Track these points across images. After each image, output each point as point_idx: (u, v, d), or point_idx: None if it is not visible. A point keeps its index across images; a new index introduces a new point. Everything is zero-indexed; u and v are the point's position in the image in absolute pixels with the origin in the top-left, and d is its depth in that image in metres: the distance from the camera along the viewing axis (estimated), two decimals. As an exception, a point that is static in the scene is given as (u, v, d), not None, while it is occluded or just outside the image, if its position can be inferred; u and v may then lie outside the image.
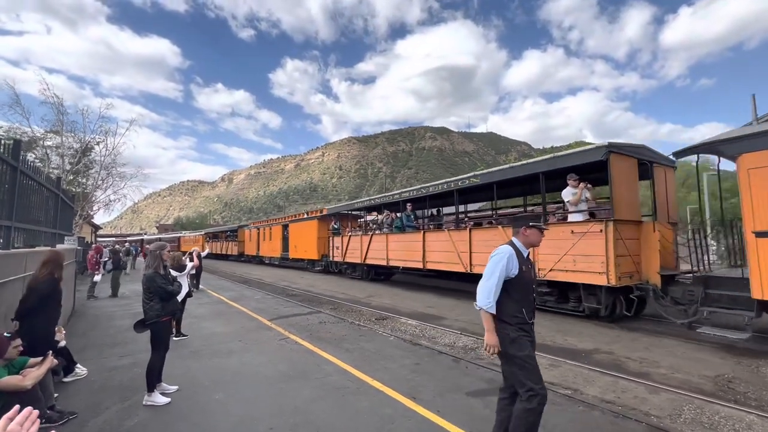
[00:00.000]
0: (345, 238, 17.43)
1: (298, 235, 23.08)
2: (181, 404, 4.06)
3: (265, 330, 7.48)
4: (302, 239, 22.55)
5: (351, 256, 16.93)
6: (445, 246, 11.58)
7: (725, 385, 4.46)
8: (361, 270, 16.78)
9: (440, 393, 4.26)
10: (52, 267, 3.88)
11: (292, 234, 24.07)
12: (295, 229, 23.71)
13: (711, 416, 3.64)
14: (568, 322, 7.83)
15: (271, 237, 27.79)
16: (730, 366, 5.06)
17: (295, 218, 24.45)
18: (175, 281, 4.36)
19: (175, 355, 5.76)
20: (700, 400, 3.98)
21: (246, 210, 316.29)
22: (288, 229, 24.88)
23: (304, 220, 22.75)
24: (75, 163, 20.83)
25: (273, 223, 28.42)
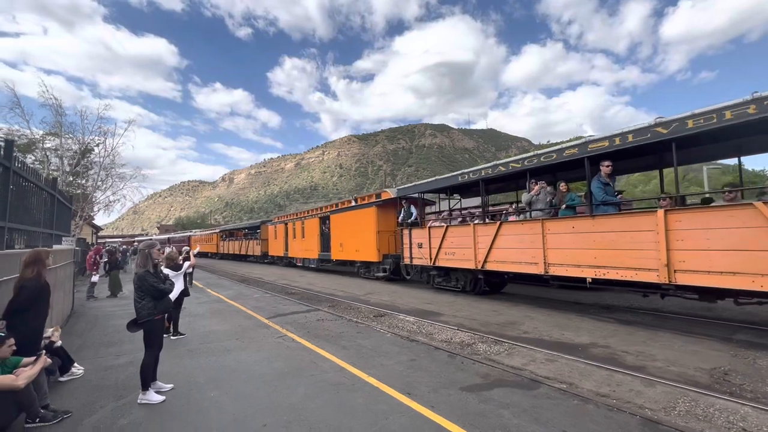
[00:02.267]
0: (437, 229, 11.40)
1: (345, 230, 17.34)
2: (175, 402, 4.07)
3: (262, 328, 7.48)
4: (352, 235, 16.73)
5: (449, 258, 10.94)
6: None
7: (721, 377, 4.44)
8: (465, 278, 10.96)
9: (435, 388, 4.26)
10: (35, 266, 3.88)
11: (335, 228, 18.26)
12: (340, 222, 17.85)
13: (705, 408, 3.62)
14: (566, 317, 7.82)
15: (304, 233, 21.91)
16: (726, 359, 5.04)
17: (338, 207, 18.43)
18: (167, 280, 4.36)
19: (172, 353, 5.78)
20: (695, 393, 3.96)
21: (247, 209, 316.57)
22: (329, 222, 19.16)
23: (354, 208, 16.86)
24: (74, 164, 20.86)
25: (306, 216, 22.00)
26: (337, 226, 18.08)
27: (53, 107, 19.67)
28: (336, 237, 18.13)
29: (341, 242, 17.56)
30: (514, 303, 9.51)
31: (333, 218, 18.63)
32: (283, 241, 25.13)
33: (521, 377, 4.55)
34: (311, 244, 21.04)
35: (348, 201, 17.83)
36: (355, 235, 16.48)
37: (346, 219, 17.36)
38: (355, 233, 16.40)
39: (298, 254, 22.93)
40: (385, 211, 15.18)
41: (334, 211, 18.71)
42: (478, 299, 10.27)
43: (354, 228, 16.55)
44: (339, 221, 18.00)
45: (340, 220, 17.89)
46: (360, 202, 16.70)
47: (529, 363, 5.13)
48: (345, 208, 17.66)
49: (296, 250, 23.19)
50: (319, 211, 20.66)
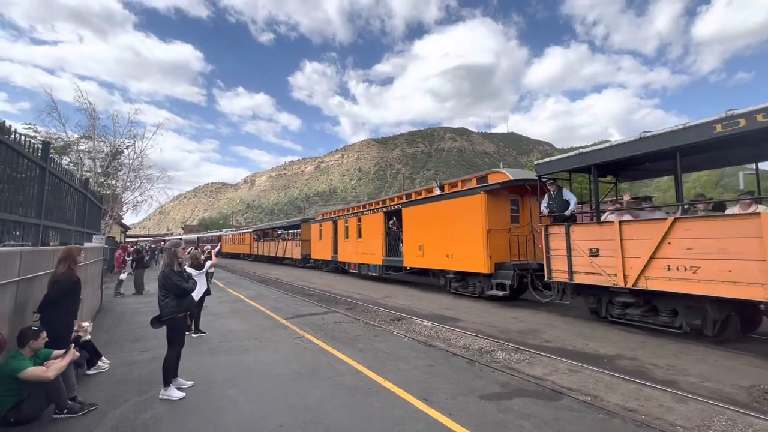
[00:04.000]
0: (643, 226, 6.71)
1: (427, 228, 12.92)
2: (195, 399, 4.13)
3: (280, 329, 7.55)
4: (441, 234, 12.16)
5: (680, 277, 6.06)
6: None
7: (761, 396, 4.16)
8: (719, 314, 6.06)
9: (453, 395, 4.17)
10: (67, 262, 4.03)
11: (411, 226, 13.90)
12: (419, 217, 13.46)
13: (744, 429, 3.39)
14: (590, 326, 7.54)
15: (361, 233, 17.49)
16: (766, 376, 4.73)
17: (415, 198, 13.97)
18: (190, 279, 4.45)
19: (192, 351, 5.90)
20: (732, 411, 3.72)
21: (267, 211, 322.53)
22: (400, 218, 14.86)
23: (442, 198, 12.36)
24: (105, 166, 21.79)
25: (365, 210, 17.59)
26: (414, 222, 13.64)
27: (88, 111, 20.63)
28: (412, 237, 13.73)
29: (420, 244, 13.13)
30: (535, 310, 9.27)
31: (407, 213, 14.15)
32: (331, 242, 20.71)
33: (543, 387, 4.40)
34: (372, 246, 16.44)
35: (428, 189, 13.52)
36: (444, 234, 11.96)
37: (430, 213, 12.81)
38: (446, 232, 11.90)
39: (351, 258, 18.34)
40: (496, 202, 10.66)
41: (408, 203, 14.29)
42: (497, 305, 10.06)
43: (443, 225, 12.05)
44: (417, 216, 13.51)
45: (419, 214, 13.38)
46: (451, 190, 12.30)
47: (551, 373, 4.96)
48: (426, 198, 13.27)
49: (349, 254, 18.63)
50: (383, 205, 16.11)
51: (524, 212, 11.35)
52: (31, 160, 4.56)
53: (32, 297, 4.20)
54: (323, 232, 22.17)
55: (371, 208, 17.13)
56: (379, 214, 16.20)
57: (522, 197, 11.33)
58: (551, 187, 8.65)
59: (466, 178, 12.11)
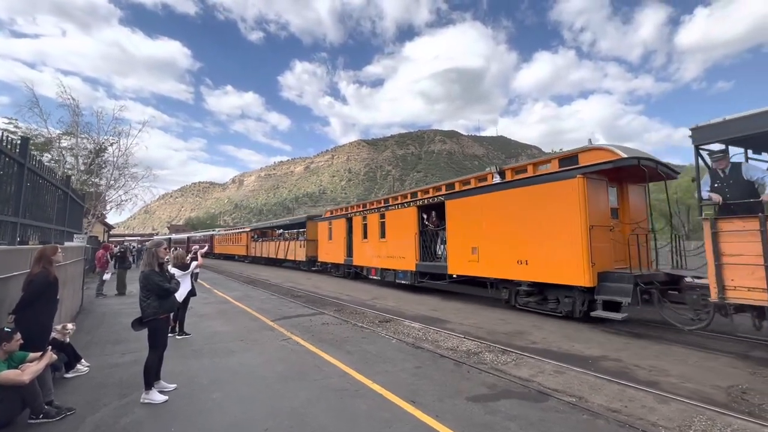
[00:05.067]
0: None
1: (483, 226, 10.01)
2: (177, 402, 4.04)
3: (267, 330, 7.46)
4: (504, 234, 9.43)
5: None
6: None
7: (739, 396, 4.27)
8: None
9: (440, 397, 4.17)
10: (42, 262, 3.90)
11: (457, 222, 10.95)
12: (470, 211, 10.53)
13: (723, 428, 3.47)
14: (576, 328, 7.65)
15: (385, 232, 14.55)
16: (744, 376, 4.86)
17: (466, 188, 10.93)
18: (173, 279, 4.36)
19: (176, 353, 5.78)
20: (711, 412, 3.81)
21: (256, 212, 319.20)
22: (441, 213, 11.96)
23: (512, 185, 9.35)
24: (89, 163, 21.28)
25: (391, 205, 14.52)
26: (464, 218, 10.64)
27: (70, 107, 20.13)
28: (460, 237, 10.68)
29: (474, 246, 10.13)
30: (522, 312, 9.35)
31: (453, 206, 11.09)
32: (343, 243, 17.87)
33: (529, 389, 4.44)
34: (401, 248, 13.43)
35: (480, 176, 10.56)
36: (514, 234, 9.06)
37: (488, 206, 9.84)
38: (516, 231, 9.00)
39: (371, 262, 15.50)
40: (595, 189, 7.98)
41: (454, 194, 11.19)
42: (486, 307, 10.13)
43: (511, 222, 9.12)
44: (468, 211, 10.53)
45: (471, 208, 10.39)
46: (518, 176, 9.27)
47: (537, 374, 5.00)
48: (481, 188, 10.19)
49: (368, 257, 15.77)
50: (417, 197, 13.00)
51: (624, 204, 8.85)
52: (8, 156, 4.41)
53: (8, 298, 4.05)
54: (334, 231, 19.21)
55: (400, 202, 13.99)
56: (410, 209, 13.14)
57: (621, 184, 8.82)
58: (719, 162, 5.89)
59: (540, 160, 9.20)
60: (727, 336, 6.75)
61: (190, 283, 6.82)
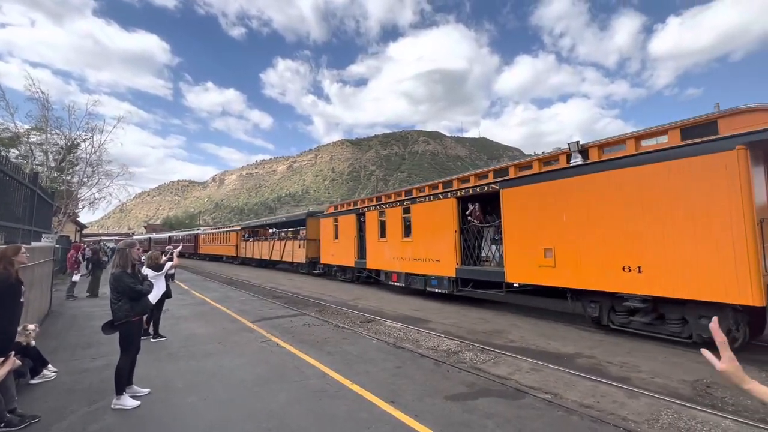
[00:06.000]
0: None
1: (562, 220, 7.72)
2: (151, 407, 3.92)
3: (246, 332, 7.34)
4: (597, 230, 7.13)
5: None
6: None
7: (703, 390, 4.47)
8: None
9: (419, 397, 4.19)
10: (2, 263, 3.72)
11: (519, 215, 8.67)
12: (537, 202, 8.28)
13: (688, 421, 3.63)
14: (552, 326, 7.84)
15: (410, 230, 12.21)
16: (708, 371, 5.08)
17: (525, 175, 8.66)
18: (146, 280, 4.23)
19: (151, 356, 5.62)
20: (678, 405, 3.97)
21: (237, 211, 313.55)
22: (493, 205, 9.78)
23: (606, 166, 7.04)
24: (60, 160, 20.42)
25: (414, 197, 12.08)
26: (532, 211, 8.31)
27: (40, 101, 19.28)
28: (526, 236, 8.44)
29: (549, 247, 7.87)
30: (500, 312, 9.51)
31: (512, 196, 8.80)
32: (353, 243, 15.43)
33: (506, 387, 4.52)
34: (435, 250, 11.03)
35: (553, 156, 8.15)
36: (619, 231, 6.78)
37: (566, 194, 7.66)
38: (618, 225, 6.80)
39: (392, 266, 13.03)
40: (758, 168, 6.18)
41: (512, 180, 8.82)
42: (466, 306, 10.25)
43: (611, 215, 6.91)
44: (537, 201, 8.21)
45: (543, 197, 8.08)
46: (608, 156, 7.14)
47: (515, 372, 5.10)
48: (555, 172, 7.89)
49: (386, 259, 13.31)
50: (457, 187, 10.46)
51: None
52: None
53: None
54: (341, 228, 16.58)
55: (431, 193, 11.45)
56: (448, 201, 10.64)
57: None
58: None
59: (644, 132, 6.68)
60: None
61: (165, 285, 6.63)
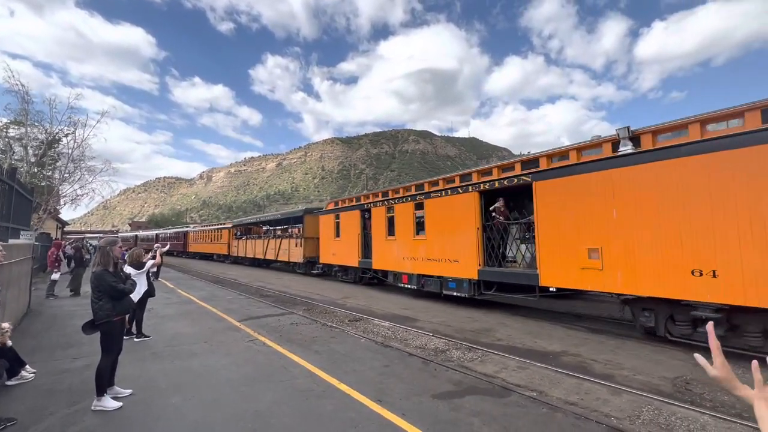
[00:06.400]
0: None
1: (628, 215, 6.55)
2: (133, 409, 3.85)
3: (233, 331, 7.25)
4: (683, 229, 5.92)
5: None
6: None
7: (683, 386, 4.58)
8: None
9: (407, 396, 4.20)
10: None
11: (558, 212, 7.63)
12: (590, 194, 7.08)
13: (668, 417, 3.71)
14: (539, 325, 7.94)
15: (423, 226, 11.21)
16: (688, 368, 5.21)
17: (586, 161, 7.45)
18: (129, 279, 4.14)
19: (134, 356, 5.51)
20: (659, 402, 4.06)
21: (225, 209, 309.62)
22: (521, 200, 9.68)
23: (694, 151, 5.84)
24: (40, 155, 19.84)
25: (426, 192, 11.36)
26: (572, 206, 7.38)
27: (19, 94, 18.69)
28: (565, 233, 7.50)
29: (595, 246, 7.00)
30: (489, 310, 9.60)
31: (548, 189, 7.82)
32: (357, 241, 14.53)
33: (493, 385, 4.56)
34: (453, 249, 10.11)
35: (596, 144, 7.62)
36: (687, 229, 5.93)
37: (621, 186, 6.70)
38: (690, 225, 5.91)
39: (401, 266, 12.03)
40: None
41: (547, 172, 7.96)
42: (453, 306, 10.32)
43: (676, 210, 6.06)
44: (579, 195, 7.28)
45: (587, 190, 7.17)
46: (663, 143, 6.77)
47: (501, 370, 5.15)
48: (602, 162, 7.04)
49: (396, 259, 12.27)
50: (479, 180, 9.89)
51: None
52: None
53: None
54: (343, 226, 15.67)
55: (448, 187, 10.59)
56: (469, 195, 9.71)
57: None
58: None
59: (712, 115, 6.27)
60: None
61: (146, 283, 6.49)
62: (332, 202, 17.39)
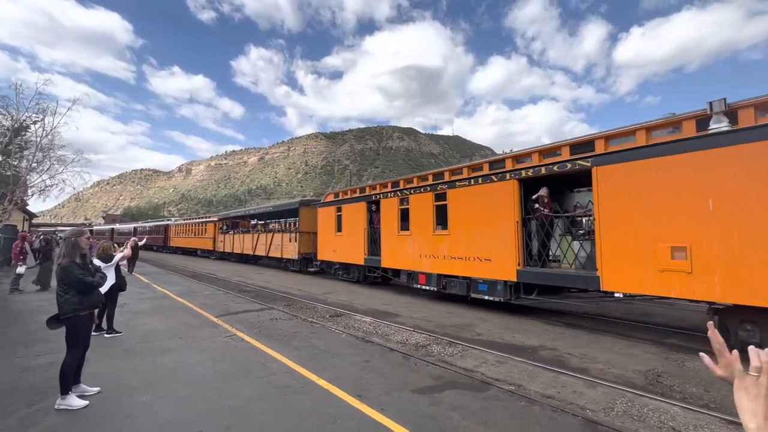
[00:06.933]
0: None
1: (728, 207, 5.37)
2: (100, 407, 3.68)
3: (209, 327, 7.06)
4: None
5: None
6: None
7: (654, 379, 4.72)
8: None
9: (386, 391, 4.17)
10: None
11: (625, 204, 6.48)
12: (672, 182, 5.94)
13: (640, 409, 3.81)
14: (517, 320, 8.06)
15: (446, 220, 9.88)
16: (659, 361, 5.38)
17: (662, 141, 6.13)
18: (98, 272, 3.94)
19: (104, 353, 5.30)
20: (631, 394, 4.17)
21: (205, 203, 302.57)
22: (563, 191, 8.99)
23: None
24: (5, 143, 18.81)
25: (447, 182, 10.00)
26: (643, 197, 6.30)
27: (-18, 77, 17.62)
28: (636, 229, 6.36)
29: (680, 245, 5.85)
30: (469, 306, 9.69)
31: (611, 176, 6.74)
32: (362, 237, 13.02)
33: (472, 379, 4.58)
34: (483, 246, 8.85)
35: (671, 122, 6.23)
36: None
37: (717, 173, 5.53)
38: None
39: (419, 266, 10.55)
40: None
41: (611, 156, 6.78)
42: (435, 301, 10.37)
43: None
44: (656, 182, 6.18)
45: (666, 176, 6.06)
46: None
47: (481, 365, 5.19)
48: (684, 142, 5.90)
49: (411, 257, 10.87)
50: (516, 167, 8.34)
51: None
52: None
53: None
54: (346, 219, 14.26)
55: (478, 175, 9.13)
56: (507, 183, 8.32)
57: None
58: None
59: None
60: (647, 325, 7.48)
61: (116, 276, 6.22)
62: (332, 194, 15.86)
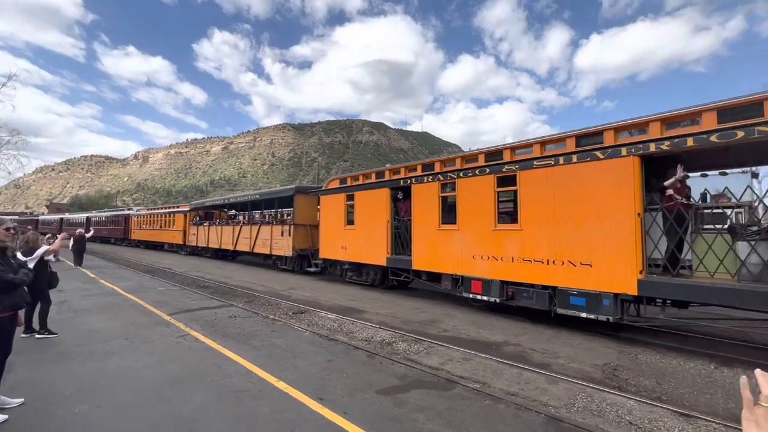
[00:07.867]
0: None
1: None
2: (23, 421, 3.25)
3: (161, 326, 6.57)
4: None
5: None
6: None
7: (611, 372, 4.88)
8: None
9: (350, 392, 4.00)
10: None
11: None
12: None
13: (599, 404, 3.89)
14: (483, 315, 8.15)
15: (516, 213, 7.54)
16: (614, 355, 5.59)
17: None
18: (22, 268, 3.46)
19: (33, 358, 4.76)
20: (591, 389, 4.26)
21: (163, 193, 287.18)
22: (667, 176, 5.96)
23: None
24: (-76, 119, 16.69)
25: (520, 162, 7.40)
26: None
27: None
28: None
29: None
30: (436, 301, 9.71)
31: None
32: (384, 231, 10.49)
33: (438, 377, 4.51)
34: (576, 246, 6.56)
35: None
36: None
37: None
38: None
39: (472, 269, 8.21)
40: None
41: None
42: (401, 296, 10.31)
43: None
44: None
45: None
46: None
47: (447, 362, 5.15)
48: None
49: (454, 258, 8.62)
50: (610, 142, 6.23)
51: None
52: None
53: None
54: (360, 210, 11.50)
55: (567, 152, 6.79)
56: (618, 161, 6.08)
57: None
58: None
59: None
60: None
61: (44, 272, 5.58)
62: (336, 179, 13.05)
